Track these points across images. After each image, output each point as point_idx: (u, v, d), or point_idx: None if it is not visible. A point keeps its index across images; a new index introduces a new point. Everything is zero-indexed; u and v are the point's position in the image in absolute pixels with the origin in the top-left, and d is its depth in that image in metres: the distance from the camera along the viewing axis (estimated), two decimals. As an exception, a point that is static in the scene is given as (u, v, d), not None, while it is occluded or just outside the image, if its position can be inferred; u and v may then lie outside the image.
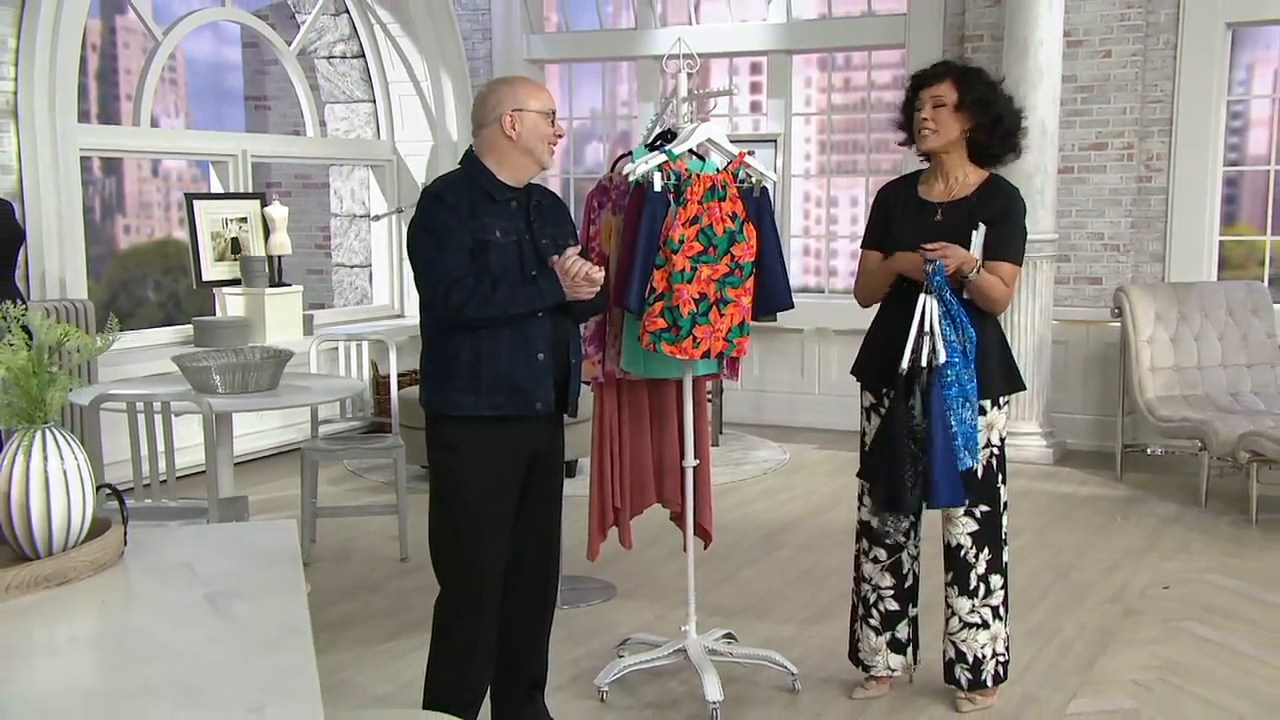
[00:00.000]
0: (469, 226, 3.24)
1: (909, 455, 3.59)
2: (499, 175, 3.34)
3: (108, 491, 2.32)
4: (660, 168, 3.74)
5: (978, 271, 3.61)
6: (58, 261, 6.46)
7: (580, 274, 3.27)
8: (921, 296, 3.59)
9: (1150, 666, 4.21)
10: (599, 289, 3.35)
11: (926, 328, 3.57)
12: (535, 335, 3.31)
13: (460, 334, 3.28)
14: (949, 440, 3.56)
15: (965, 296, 3.66)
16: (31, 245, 6.32)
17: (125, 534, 2.21)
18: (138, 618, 2.04)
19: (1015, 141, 3.79)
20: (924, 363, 3.56)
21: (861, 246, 3.98)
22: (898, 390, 3.63)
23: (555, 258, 3.32)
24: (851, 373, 4.01)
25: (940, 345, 3.55)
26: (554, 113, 3.40)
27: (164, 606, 2.04)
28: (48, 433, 2.12)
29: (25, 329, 2.15)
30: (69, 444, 2.13)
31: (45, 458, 2.09)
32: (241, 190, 7.78)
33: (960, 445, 3.59)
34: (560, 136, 3.43)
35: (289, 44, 8.48)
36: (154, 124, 7.57)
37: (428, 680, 3.46)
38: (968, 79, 3.73)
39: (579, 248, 3.41)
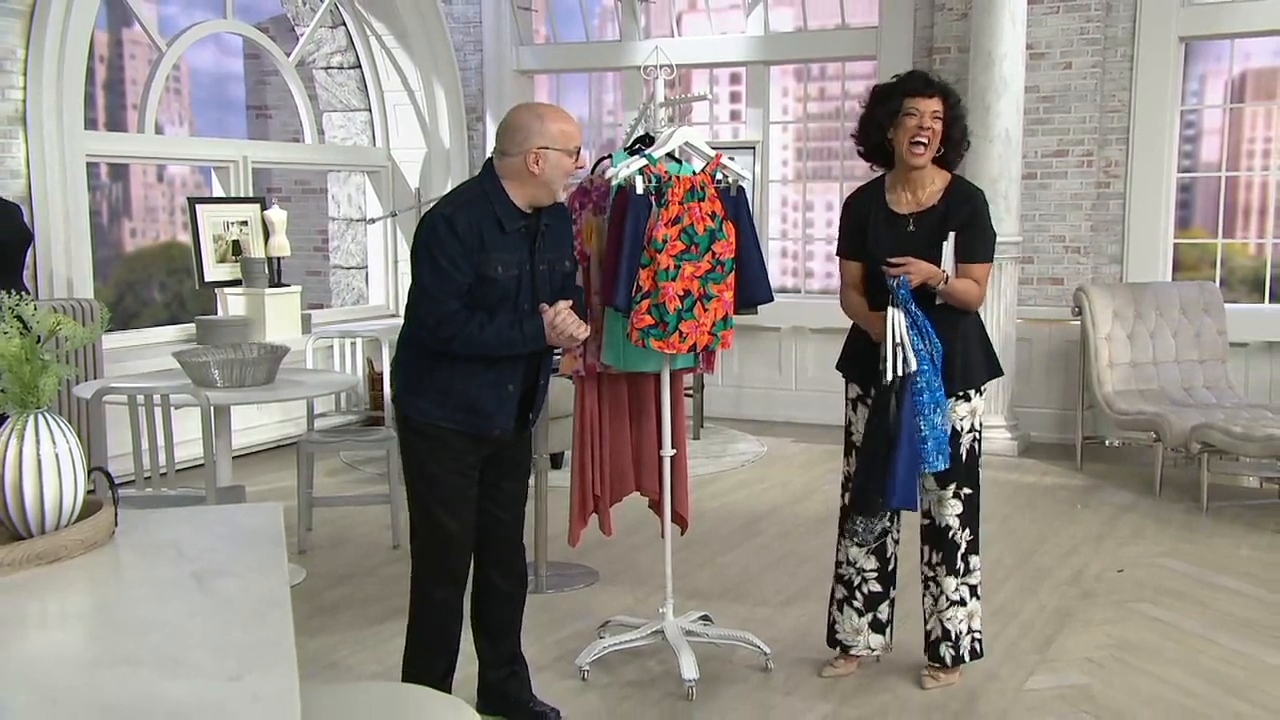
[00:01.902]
0: (474, 260, 3.19)
1: (880, 462, 3.60)
2: (515, 200, 3.28)
3: (100, 475, 2.30)
4: (641, 171, 3.74)
5: (945, 282, 3.62)
6: (65, 262, 6.43)
7: (565, 332, 3.26)
8: (889, 310, 3.59)
9: (1104, 645, 4.22)
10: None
11: (897, 339, 3.57)
12: (509, 371, 3.31)
13: (432, 352, 3.28)
14: (915, 445, 3.57)
15: (939, 301, 3.66)
16: (40, 246, 6.29)
17: (116, 515, 2.20)
18: (125, 593, 2.03)
19: (963, 155, 3.83)
20: (900, 372, 3.56)
21: (838, 254, 3.95)
22: (876, 402, 3.63)
23: (545, 307, 3.28)
24: (837, 368, 3.99)
25: (910, 354, 3.56)
26: (579, 148, 3.32)
27: (151, 583, 2.03)
28: (40, 417, 2.11)
29: (20, 319, 2.14)
30: (61, 429, 2.12)
31: (38, 441, 2.08)
32: (243, 195, 7.76)
33: (931, 449, 3.59)
34: (580, 167, 3.37)
35: (288, 55, 8.46)
36: (159, 131, 7.53)
37: (406, 652, 3.50)
38: (950, 96, 3.72)
39: (568, 303, 3.32)
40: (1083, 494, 6.43)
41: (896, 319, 3.56)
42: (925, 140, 3.65)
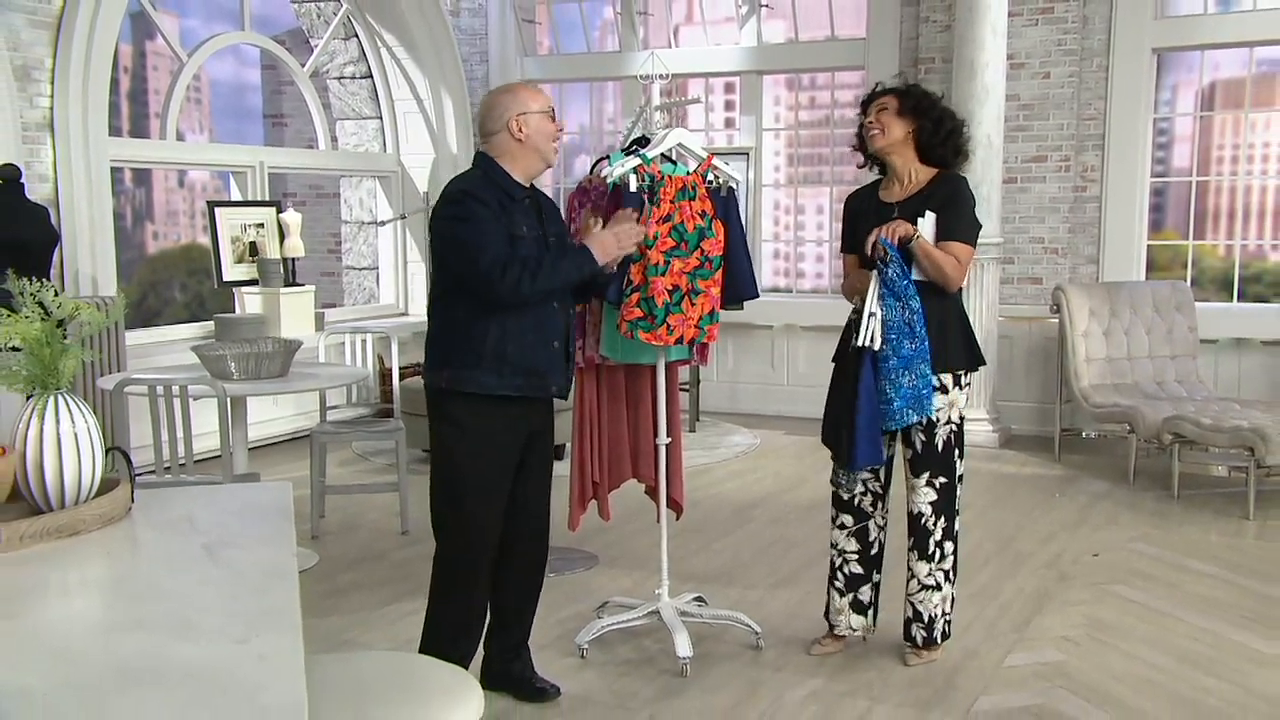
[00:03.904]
0: (502, 220, 3.21)
1: (847, 425, 3.63)
2: (513, 174, 3.32)
3: (118, 454, 2.30)
4: (635, 170, 3.74)
5: (916, 240, 3.62)
6: (90, 262, 6.43)
7: (627, 237, 3.40)
8: (872, 274, 3.61)
9: (1079, 624, 4.22)
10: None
11: (871, 309, 3.59)
12: (551, 325, 3.32)
13: (487, 320, 3.23)
14: (874, 407, 3.58)
15: (916, 276, 3.66)
16: (66, 247, 6.29)
17: (132, 492, 2.20)
18: (140, 564, 2.03)
19: (959, 143, 3.78)
20: (865, 344, 3.57)
21: (840, 251, 4.00)
22: (842, 366, 3.66)
23: (631, 211, 3.47)
24: (833, 359, 3.99)
25: (878, 328, 3.56)
26: (553, 110, 3.39)
27: (165, 554, 2.04)
28: (60, 398, 2.11)
29: (41, 304, 2.14)
30: (80, 409, 2.12)
31: (58, 420, 2.08)
32: (259, 199, 7.76)
33: (900, 408, 3.58)
34: (562, 130, 3.42)
35: (303, 65, 8.46)
36: (180, 138, 7.53)
37: (426, 635, 3.45)
38: (908, 91, 3.78)
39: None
40: (1060, 483, 6.43)
41: (874, 286, 3.59)
42: (876, 129, 3.74)
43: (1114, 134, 7.49)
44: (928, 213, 3.67)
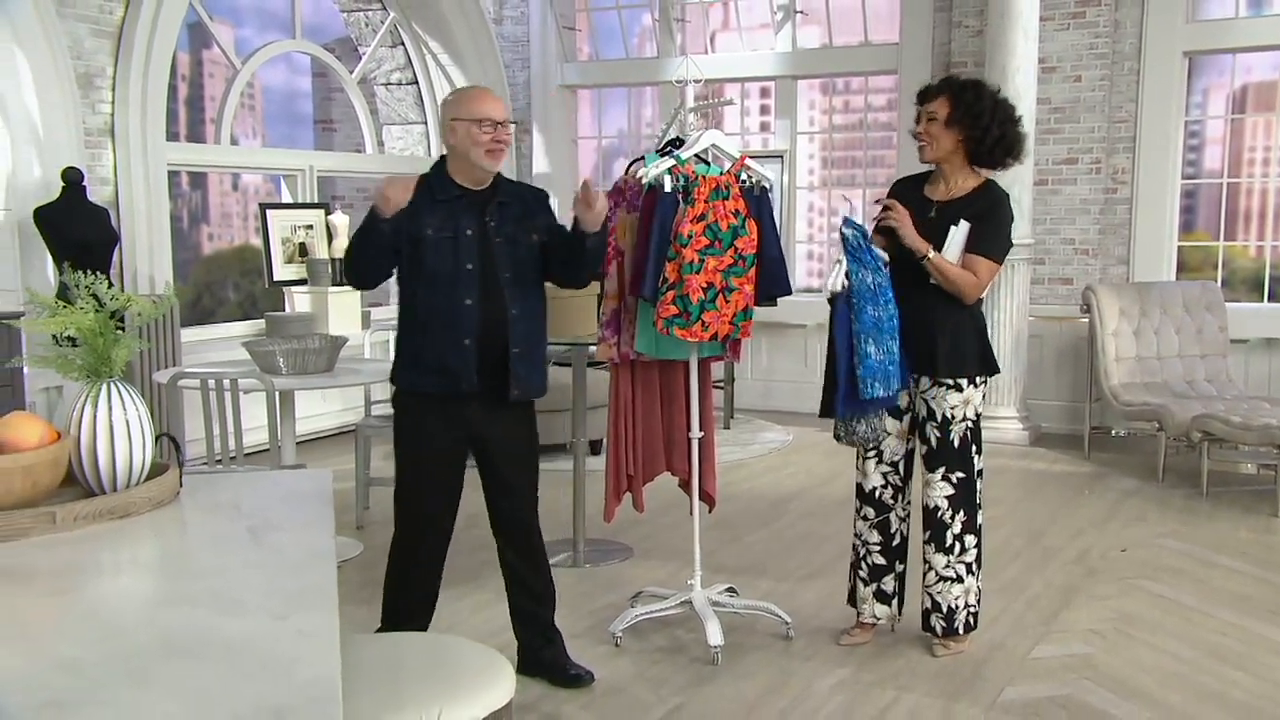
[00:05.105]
0: (405, 226, 3.23)
1: (829, 374, 3.66)
2: (455, 178, 3.32)
3: (168, 440, 2.34)
4: (670, 171, 3.75)
5: (931, 254, 3.59)
6: (148, 262, 6.53)
7: (383, 191, 3.14)
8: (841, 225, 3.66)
9: (1106, 618, 4.17)
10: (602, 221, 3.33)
11: (838, 256, 3.62)
12: (463, 323, 3.29)
13: (410, 319, 3.35)
14: (849, 359, 3.56)
15: (932, 281, 3.64)
16: (125, 247, 6.39)
17: (181, 477, 2.23)
18: (187, 545, 2.07)
19: (1011, 147, 3.69)
20: (834, 288, 3.59)
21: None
22: (830, 316, 3.69)
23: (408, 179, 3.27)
24: None
25: (840, 274, 3.58)
26: (491, 119, 3.24)
27: (210, 536, 2.07)
28: (113, 386, 2.15)
29: (95, 296, 2.18)
30: (131, 397, 2.16)
31: (110, 408, 2.12)
32: (309, 201, 7.84)
33: (866, 376, 3.55)
34: (499, 141, 3.26)
35: (352, 73, 8.54)
36: (234, 143, 7.63)
37: (382, 615, 3.61)
38: (963, 94, 3.64)
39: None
40: (1090, 480, 6.36)
41: (841, 239, 3.62)
42: (925, 141, 3.68)
43: (1145, 136, 7.40)
44: (962, 221, 3.63)
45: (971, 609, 3.81)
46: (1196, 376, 6.77)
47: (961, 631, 3.81)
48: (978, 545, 3.80)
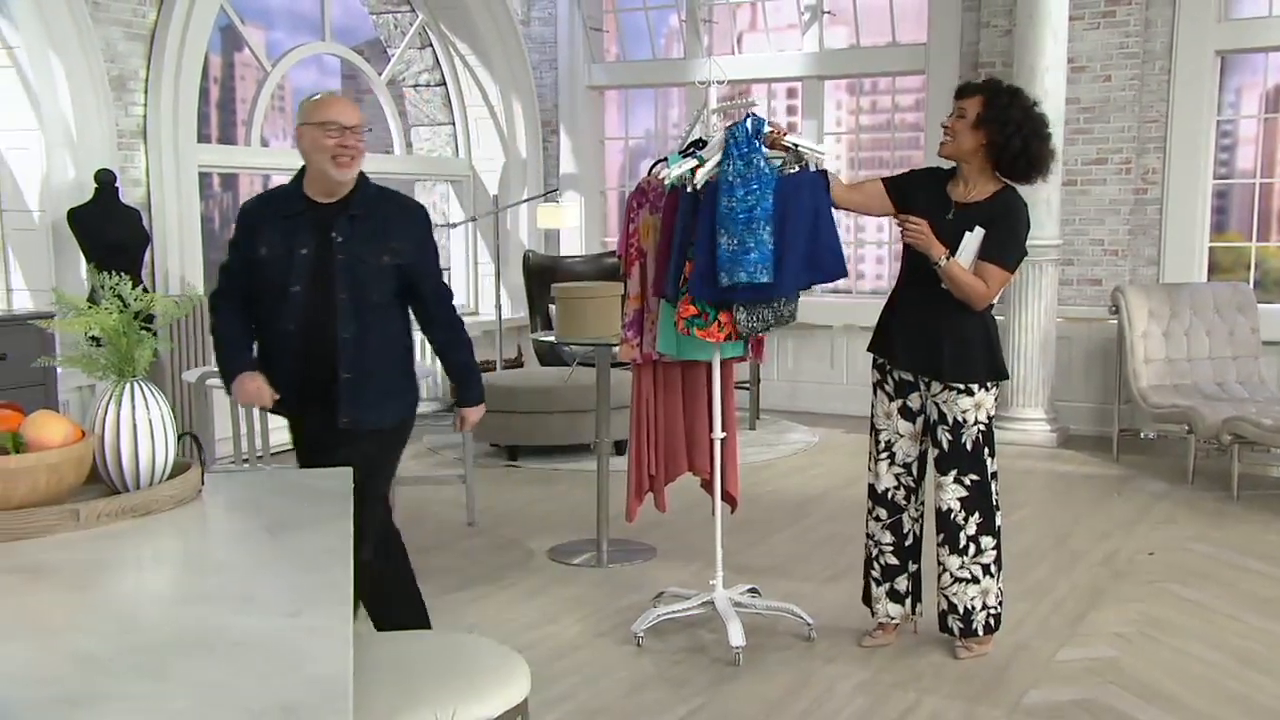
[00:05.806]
0: (245, 243, 3.19)
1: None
2: (308, 191, 3.16)
3: (190, 439, 2.37)
4: (692, 172, 3.74)
5: (945, 260, 3.57)
6: (179, 261, 6.60)
7: (246, 399, 3.19)
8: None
9: (1133, 621, 4.13)
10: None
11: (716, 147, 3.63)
12: (282, 346, 3.20)
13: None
14: (714, 250, 3.55)
15: (943, 285, 3.62)
16: (157, 247, 6.46)
17: (203, 475, 2.26)
18: (207, 542, 2.09)
19: (1035, 162, 3.61)
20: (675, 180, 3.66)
21: (882, 179, 3.87)
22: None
23: (245, 378, 3.19)
24: (868, 349, 3.96)
25: (710, 166, 3.60)
26: (337, 123, 3.05)
27: (230, 534, 2.10)
28: (136, 385, 2.18)
29: (120, 297, 2.21)
30: (155, 396, 2.18)
31: (134, 407, 2.14)
32: (338, 202, 7.87)
33: (720, 266, 3.54)
34: (345, 147, 3.07)
35: (380, 74, 8.60)
36: (264, 144, 7.69)
37: None
38: (997, 98, 3.59)
39: (260, 384, 3.19)
40: (1118, 483, 6.30)
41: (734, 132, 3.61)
42: (948, 136, 3.66)
43: (1176, 136, 7.31)
44: (977, 228, 3.61)
45: (991, 610, 3.79)
46: (1227, 378, 6.69)
47: (981, 632, 3.78)
48: (997, 547, 3.77)
